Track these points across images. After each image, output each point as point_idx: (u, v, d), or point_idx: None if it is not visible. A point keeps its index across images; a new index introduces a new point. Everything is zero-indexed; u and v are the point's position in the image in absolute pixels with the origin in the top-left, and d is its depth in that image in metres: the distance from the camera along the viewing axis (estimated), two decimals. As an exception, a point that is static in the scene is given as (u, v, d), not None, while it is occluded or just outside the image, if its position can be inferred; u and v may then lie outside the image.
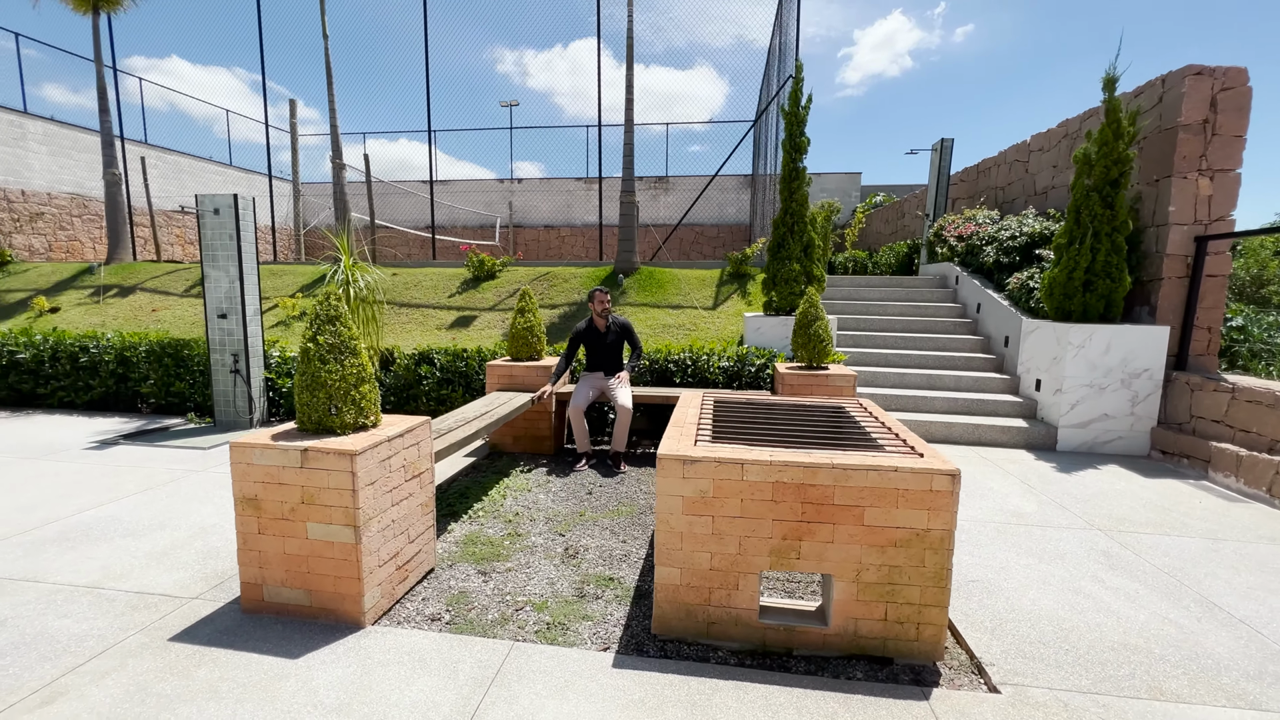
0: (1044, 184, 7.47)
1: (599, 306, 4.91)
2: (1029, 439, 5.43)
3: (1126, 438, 5.28)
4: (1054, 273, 5.50)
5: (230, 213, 5.72)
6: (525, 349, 5.17)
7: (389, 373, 5.91)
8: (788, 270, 5.78)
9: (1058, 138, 7.17)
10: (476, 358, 5.74)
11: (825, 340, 4.77)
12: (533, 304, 5.27)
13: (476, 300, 7.84)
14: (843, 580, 2.30)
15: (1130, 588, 2.87)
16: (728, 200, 20.04)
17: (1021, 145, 8.01)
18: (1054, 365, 5.45)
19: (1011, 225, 7.18)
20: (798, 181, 5.90)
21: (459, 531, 3.54)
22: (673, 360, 5.47)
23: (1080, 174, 5.46)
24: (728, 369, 5.38)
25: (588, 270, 8.26)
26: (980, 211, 8.13)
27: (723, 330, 6.66)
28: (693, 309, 7.14)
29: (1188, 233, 5.32)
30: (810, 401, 3.47)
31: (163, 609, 2.59)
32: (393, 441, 2.61)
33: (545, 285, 8.05)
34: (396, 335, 7.13)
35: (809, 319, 4.80)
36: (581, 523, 3.70)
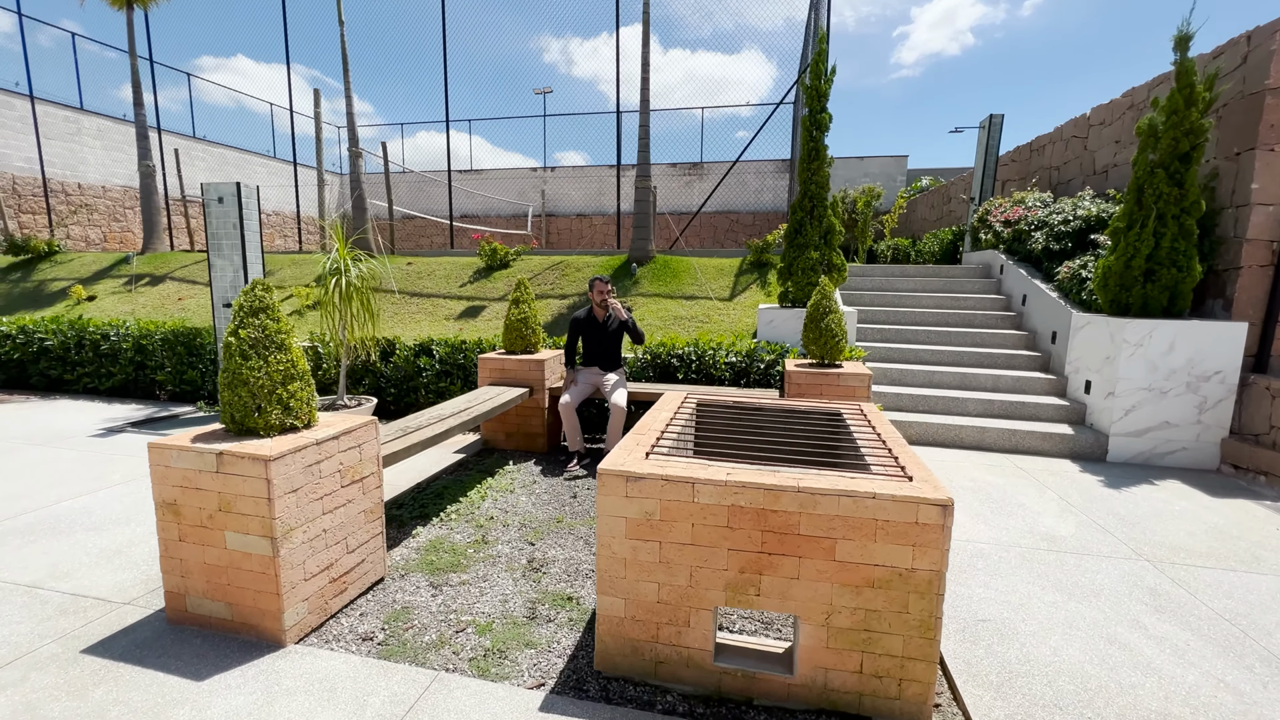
0: (1104, 162, 6.70)
1: (597, 297, 4.62)
2: (1074, 448, 4.85)
3: (1191, 449, 4.64)
4: (1109, 261, 4.87)
5: (233, 201, 5.69)
6: (519, 342, 4.94)
7: (389, 364, 5.79)
8: (805, 259, 5.34)
9: (1121, 109, 6.40)
10: (475, 350, 5.55)
11: (839, 335, 4.34)
12: (528, 294, 5.02)
13: (487, 290, 7.67)
14: (810, 623, 1.94)
15: (1179, 638, 2.40)
16: (765, 186, 19.35)
17: (1080, 119, 7.22)
18: (1107, 365, 4.84)
19: (1064, 208, 6.47)
20: (818, 162, 5.43)
21: (425, 536, 3.33)
22: (676, 355, 5.14)
23: (1144, 148, 4.79)
24: (735, 365, 5.01)
25: (602, 259, 7.97)
26: (1030, 194, 7.40)
27: (738, 323, 6.27)
28: (707, 300, 6.76)
29: (1274, 214, 4.60)
30: (804, 406, 3.08)
31: (90, 615, 2.46)
32: (323, 445, 2.40)
33: (558, 274, 7.81)
34: (405, 325, 7.03)
35: (821, 312, 4.38)
36: (556, 530, 3.43)
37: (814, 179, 5.44)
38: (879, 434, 2.58)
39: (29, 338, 6.64)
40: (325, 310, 4.97)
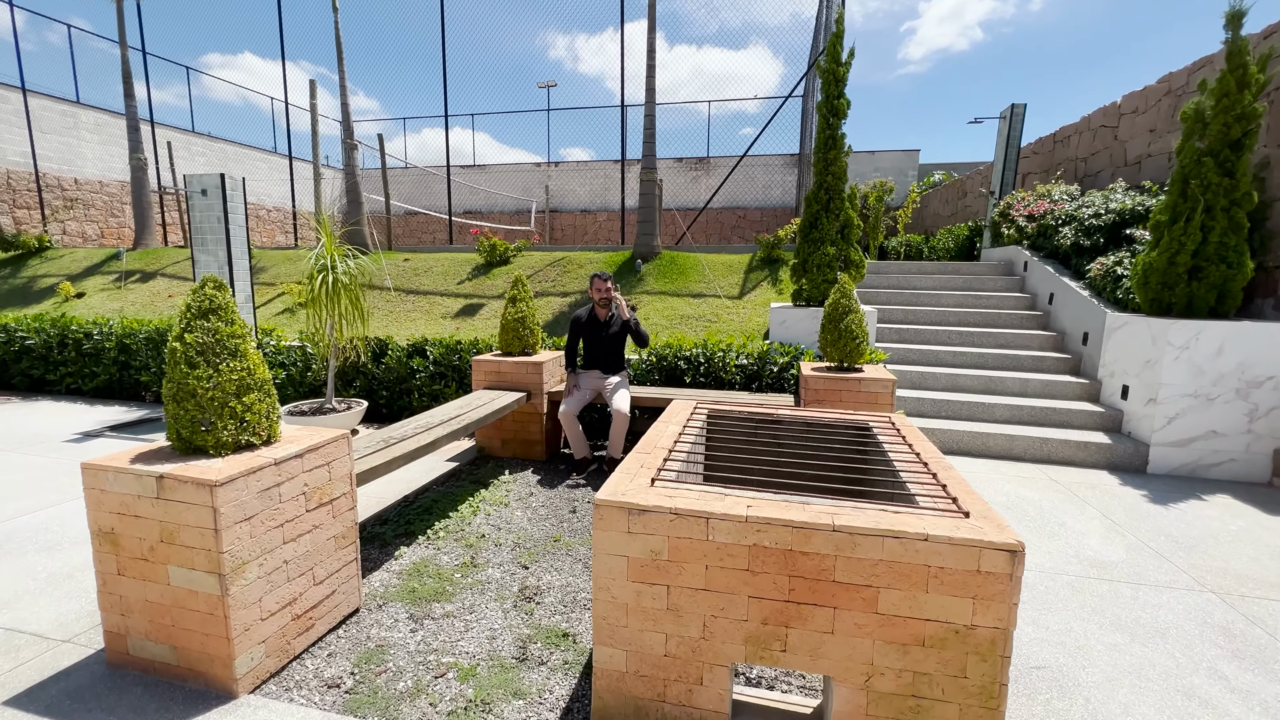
0: (1137, 152, 6.33)
1: (597, 294, 4.32)
2: (1112, 458, 4.51)
3: (1240, 461, 4.29)
4: (1151, 256, 4.52)
5: (218, 193, 5.41)
6: (516, 343, 4.63)
7: (381, 365, 5.50)
8: (820, 254, 5.01)
9: (1157, 96, 6.03)
10: (471, 351, 5.25)
11: (859, 337, 4.01)
12: (525, 293, 4.71)
13: (486, 287, 7.37)
14: (846, 686, 1.63)
15: (1268, 691, 2.07)
16: (773, 181, 18.98)
17: (1110, 108, 6.85)
18: (1147, 369, 4.49)
19: (1094, 202, 6.11)
20: (835, 150, 5.10)
21: (409, 558, 3.04)
22: (683, 356, 4.82)
23: (1189, 134, 4.43)
24: (746, 368, 4.69)
25: (605, 255, 7.66)
26: (1056, 187, 7.04)
27: (748, 323, 5.94)
28: (715, 298, 6.44)
29: (1333, 206, 4.24)
30: (828, 417, 2.77)
31: (23, 654, 2.18)
32: (284, 465, 2.10)
33: (559, 271, 7.51)
34: (400, 324, 6.74)
35: (840, 311, 4.05)
36: (553, 551, 3.14)
37: (830, 169, 5.10)
38: (916, 452, 2.26)
39: (10, 336, 6.39)
40: (311, 308, 4.69)
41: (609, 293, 4.33)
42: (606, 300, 4.33)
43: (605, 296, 4.32)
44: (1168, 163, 5.83)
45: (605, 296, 4.32)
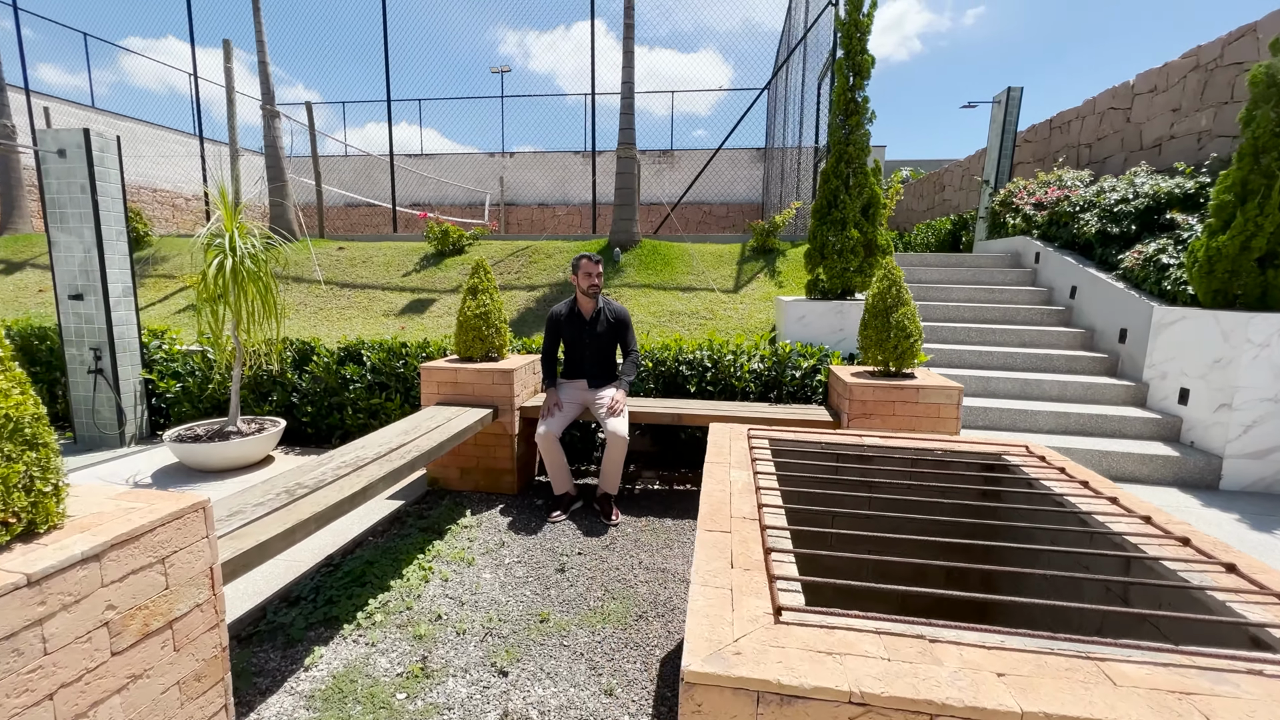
0: (1157, 134, 5.87)
1: (586, 281, 3.41)
2: (1180, 473, 3.92)
3: (1325, 474, 3.76)
4: (1220, 241, 3.94)
5: (80, 155, 4.19)
6: (478, 345, 3.66)
7: (304, 374, 4.39)
8: (843, 239, 4.24)
9: (1181, 73, 5.56)
10: (419, 355, 4.22)
11: (914, 335, 3.24)
12: (488, 282, 3.74)
13: (437, 280, 6.30)
14: None
15: None
16: (738, 176, 18.40)
17: (1120, 89, 6.40)
18: (1216, 370, 3.92)
19: (1118, 186, 5.60)
20: (856, 116, 4.33)
21: (327, 665, 2.05)
22: (685, 360, 3.95)
23: (1260, 101, 3.88)
24: (761, 374, 3.86)
25: (576, 245, 6.71)
26: (1065, 172, 6.54)
27: (748, 319, 5.13)
28: (708, 292, 5.61)
29: None
30: (938, 447, 1.95)
31: None
32: (50, 583, 1.10)
33: (523, 261, 6.51)
34: (333, 323, 5.61)
35: (888, 304, 3.27)
36: (541, 638, 2.21)
37: (851, 139, 4.34)
38: (1127, 508, 1.45)
39: None
40: (205, 301, 3.59)
41: (599, 280, 3.42)
42: (595, 289, 3.42)
43: (595, 285, 3.41)
44: (1197, 144, 5.37)
45: (595, 285, 3.41)
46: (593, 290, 3.41)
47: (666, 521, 3.26)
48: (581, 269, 3.40)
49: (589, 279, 3.39)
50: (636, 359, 3.49)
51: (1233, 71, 4.99)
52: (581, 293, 3.45)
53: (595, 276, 3.39)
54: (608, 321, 3.47)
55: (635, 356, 3.47)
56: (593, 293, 3.42)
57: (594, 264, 3.40)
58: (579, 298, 3.50)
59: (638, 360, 3.48)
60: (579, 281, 3.43)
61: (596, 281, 3.40)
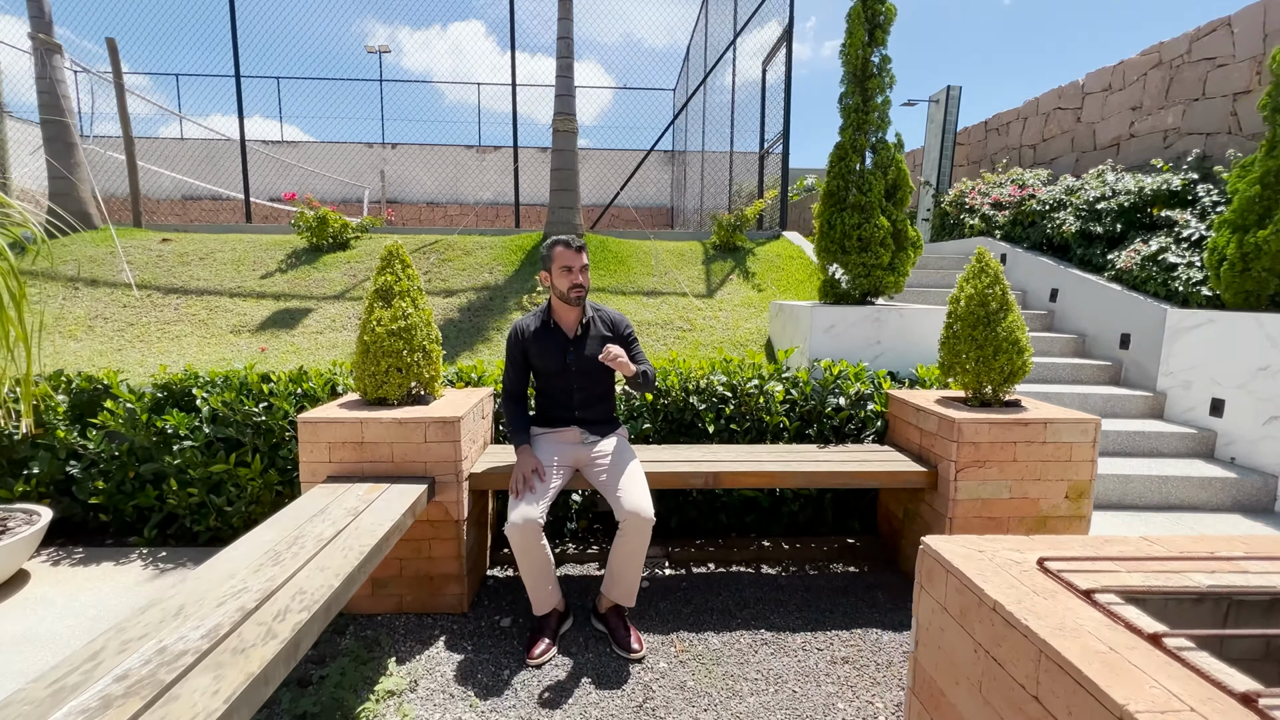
0: (1114, 134, 5.74)
1: (566, 280, 2.22)
2: (1238, 496, 3.48)
3: (1371, 488, 3.48)
4: (1261, 237, 3.58)
5: None
6: (397, 379, 2.32)
7: (90, 429, 2.74)
8: (870, 227, 3.38)
9: (1141, 70, 5.44)
10: (291, 396, 2.76)
11: (1026, 350, 2.41)
12: (409, 281, 2.42)
13: (314, 283, 4.69)
14: None
15: None
16: (647, 179, 17.67)
17: (1068, 89, 6.28)
18: (1262, 379, 3.53)
19: (1089, 184, 5.35)
20: (876, 80, 3.52)
21: None
22: (693, 388, 2.87)
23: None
24: (797, 406, 2.89)
25: (504, 240, 5.38)
26: (1026, 171, 6.32)
27: (734, 330, 4.16)
28: (678, 297, 4.57)
29: None
30: None
31: None
32: None
33: (434, 261, 5.08)
34: (152, 345, 3.86)
35: (992, 308, 2.42)
36: None
37: (869, 105, 3.52)
38: None
39: None
40: None
41: (585, 277, 2.24)
42: (581, 293, 2.23)
43: (580, 286, 2.22)
44: (1163, 142, 5.23)
45: (580, 286, 2.22)
46: (577, 294, 2.22)
47: (711, 639, 2.16)
48: (557, 261, 2.20)
49: (569, 276, 2.19)
50: (652, 374, 2.32)
51: (1203, 67, 4.86)
52: (559, 298, 2.25)
53: (579, 272, 2.21)
54: (603, 337, 2.30)
55: (650, 379, 2.31)
56: (577, 298, 2.23)
57: (575, 252, 2.21)
58: (555, 306, 2.30)
59: (652, 374, 2.31)
60: (554, 281, 2.23)
61: (581, 280, 2.22)
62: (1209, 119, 4.81)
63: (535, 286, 4.56)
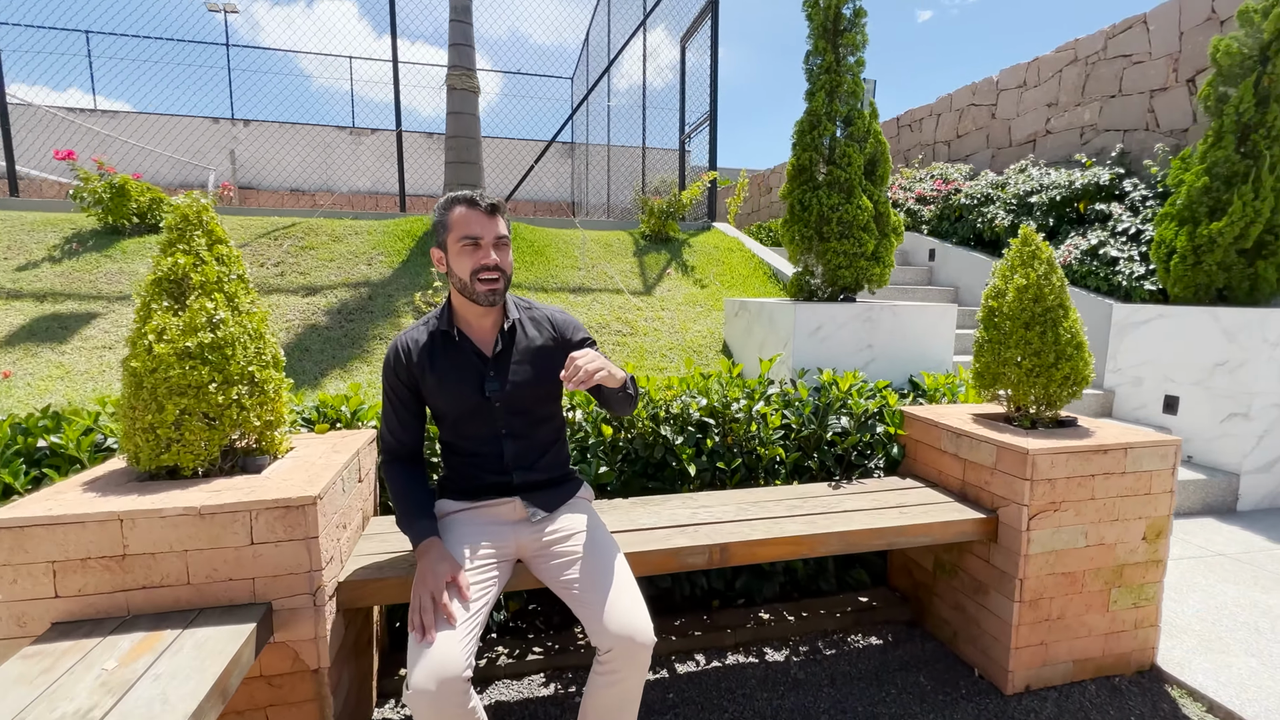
0: (1029, 130, 5.76)
1: (472, 259, 1.37)
2: (1207, 497, 3.34)
3: (1314, 481, 3.50)
4: (1215, 229, 3.48)
5: None
6: (195, 436, 1.35)
7: None
8: (852, 209, 2.83)
9: (1057, 67, 5.47)
10: (21, 461, 1.66)
11: (1089, 356, 1.93)
12: (220, 267, 1.45)
13: (103, 278, 3.37)
14: None
15: None
16: (545, 172, 16.66)
17: (982, 85, 6.28)
18: (1220, 375, 3.44)
19: (1013, 179, 5.29)
20: (849, 35, 2.98)
21: None
22: (663, 415, 2.13)
23: (1230, 77, 3.52)
24: (794, 431, 2.24)
25: (386, 225, 4.30)
26: (950, 167, 6.24)
27: (681, 332, 3.48)
28: (612, 294, 3.80)
29: (1340, 176, 3.72)
30: None
31: None
32: None
33: (286, 249, 3.90)
34: None
35: (1049, 304, 1.91)
36: None
37: (841, 68, 2.98)
38: None
39: None
40: None
41: (505, 258, 1.40)
42: (496, 286, 1.38)
43: (496, 272, 1.37)
44: (1080, 139, 5.27)
45: (496, 272, 1.37)
46: (489, 288, 1.37)
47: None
48: (456, 229, 1.36)
49: (476, 255, 1.35)
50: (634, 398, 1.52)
51: (1119, 64, 4.91)
52: (462, 292, 1.40)
53: (493, 247, 1.37)
54: (540, 349, 1.48)
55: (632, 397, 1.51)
56: (490, 292, 1.38)
57: (485, 215, 1.37)
58: (458, 308, 1.45)
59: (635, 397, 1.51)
60: (453, 265, 1.38)
61: (498, 260, 1.37)
62: (1126, 116, 4.86)
63: (433, 282, 3.58)
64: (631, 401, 1.48)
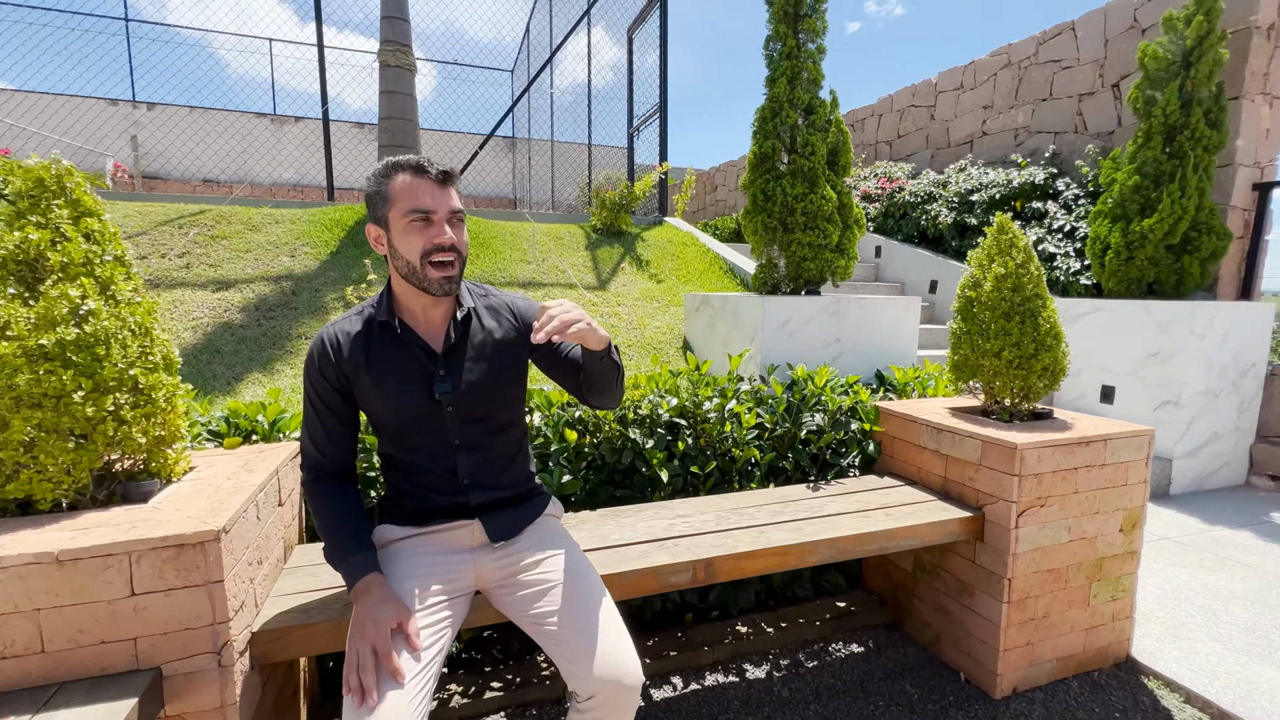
0: (967, 132, 5.95)
1: (423, 238, 1.13)
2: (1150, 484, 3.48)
3: (1230, 464, 3.72)
4: (1146, 225, 3.63)
5: None
6: (55, 458, 1.06)
7: None
8: (816, 199, 2.75)
9: (992, 70, 5.66)
10: None
11: (1066, 348, 1.89)
12: (90, 246, 1.16)
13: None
14: None
15: None
16: (485, 167, 16.13)
17: (921, 87, 6.45)
18: (1152, 365, 3.60)
19: (954, 178, 5.43)
20: (810, 20, 2.89)
21: None
22: (632, 417, 1.96)
23: (1156, 81, 3.69)
24: (768, 431, 2.12)
25: (312, 214, 3.90)
26: (894, 166, 6.37)
27: (639, 328, 3.32)
28: (565, 289, 3.59)
29: (1250, 177, 3.99)
30: None
31: None
32: None
33: (192, 239, 3.46)
34: None
35: (1027, 293, 1.87)
36: None
37: (801, 53, 2.89)
38: None
39: None
40: None
41: (460, 239, 1.18)
42: (451, 273, 1.16)
43: (452, 252, 1.15)
44: (1014, 140, 5.47)
45: (452, 252, 1.15)
46: (446, 274, 1.15)
47: None
48: (400, 200, 1.12)
49: (427, 231, 1.12)
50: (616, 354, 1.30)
51: (1050, 69, 5.11)
52: (408, 277, 1.16)
53: (446, 222, 1.14)
54: (499, 343, 1.27)
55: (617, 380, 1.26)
56: (447, 278, 1.15)
57: (436, 184, 1.14)
58: (400, 296, 1.22)
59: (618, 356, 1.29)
60: (396, 243, 1.14)
61: (454, 240, 1.15)
62: (1057, 118, 5.08)
63: (367, 275, 3.26)
64: (620, 376, 1.26)
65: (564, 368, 1.28)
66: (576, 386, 1.28)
